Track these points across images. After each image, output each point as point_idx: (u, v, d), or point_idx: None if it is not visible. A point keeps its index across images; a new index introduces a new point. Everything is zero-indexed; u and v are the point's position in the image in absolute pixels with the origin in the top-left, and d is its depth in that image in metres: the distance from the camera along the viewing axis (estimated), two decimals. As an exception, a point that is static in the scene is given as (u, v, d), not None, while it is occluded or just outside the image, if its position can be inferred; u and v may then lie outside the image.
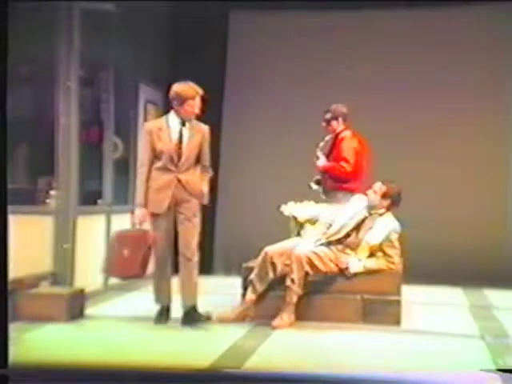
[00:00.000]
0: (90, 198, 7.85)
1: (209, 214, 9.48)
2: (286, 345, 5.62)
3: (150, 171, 6.14)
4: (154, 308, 6.66)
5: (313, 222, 7.03)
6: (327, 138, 7.42)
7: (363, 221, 6.60)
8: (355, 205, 6.70)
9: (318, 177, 7.40)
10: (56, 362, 4.96)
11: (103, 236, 7.93)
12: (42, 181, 7.54)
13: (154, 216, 6.17)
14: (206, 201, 6.33)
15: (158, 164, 6.14)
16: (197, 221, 6.23)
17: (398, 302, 6.46)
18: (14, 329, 4.90)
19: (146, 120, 8.94)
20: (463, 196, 9.33)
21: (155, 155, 6.15)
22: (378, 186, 6.66)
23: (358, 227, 6.59)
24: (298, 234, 7.08)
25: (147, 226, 6.25)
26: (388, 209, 6.64)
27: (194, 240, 6.21)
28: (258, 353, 5.28)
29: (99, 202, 8.04)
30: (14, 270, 4.83)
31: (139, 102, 8.80)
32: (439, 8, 9.16)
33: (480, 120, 9.39)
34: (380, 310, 6.41)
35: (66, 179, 7.16)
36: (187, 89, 6.14)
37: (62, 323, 6.15)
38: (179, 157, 6.13)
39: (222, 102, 9.61)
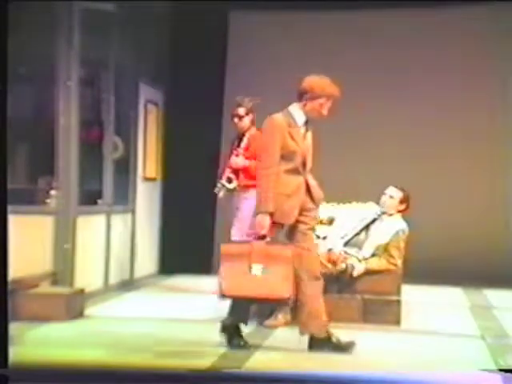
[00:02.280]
0: (89, 198, 7.84)
1: (209, 214, 9.52)
2: (287, 345, 5.61)
3: (278, 173, 5.23)
4: (153, 308, 6.64)
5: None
6: (236, 134, 6.94)
7: (372, 221, 6.62)
8: (366, 210, 6.70)
9: (229, 175, 6.83)
10: (56, 361, 4.95)
11: (103, 236, 7.93)
12: (42, 181, 7.55)
13: (274, 227, 5.22)
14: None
15: (288, 165, 5.27)
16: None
17: (398, 302, 6.46)
18: (13, 329, 4.88)
19: (146, 120, 8.94)
20: (463, 196, 9.34)
21: (282, 155, 5.26)
22: (395, 192, 6.62)
23: (366, 227, 6.61)
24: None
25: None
26: (400, 212, 6.64)
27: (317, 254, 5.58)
28: (258, 353, 5.28)
29: (99, 201, 8.03)
30: (14, 270, 4.83)
31: (139, 102, 8.79)
32: (439, 8, 9.16)
33: (480, 120, 9.40)
34: (380, 309, 6.41)
35: (66, 179, 7.15)
36: (325, 86, 5.36)
37: (61, 323, 6.14)
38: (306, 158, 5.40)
39: (222, 102, 9.59)
